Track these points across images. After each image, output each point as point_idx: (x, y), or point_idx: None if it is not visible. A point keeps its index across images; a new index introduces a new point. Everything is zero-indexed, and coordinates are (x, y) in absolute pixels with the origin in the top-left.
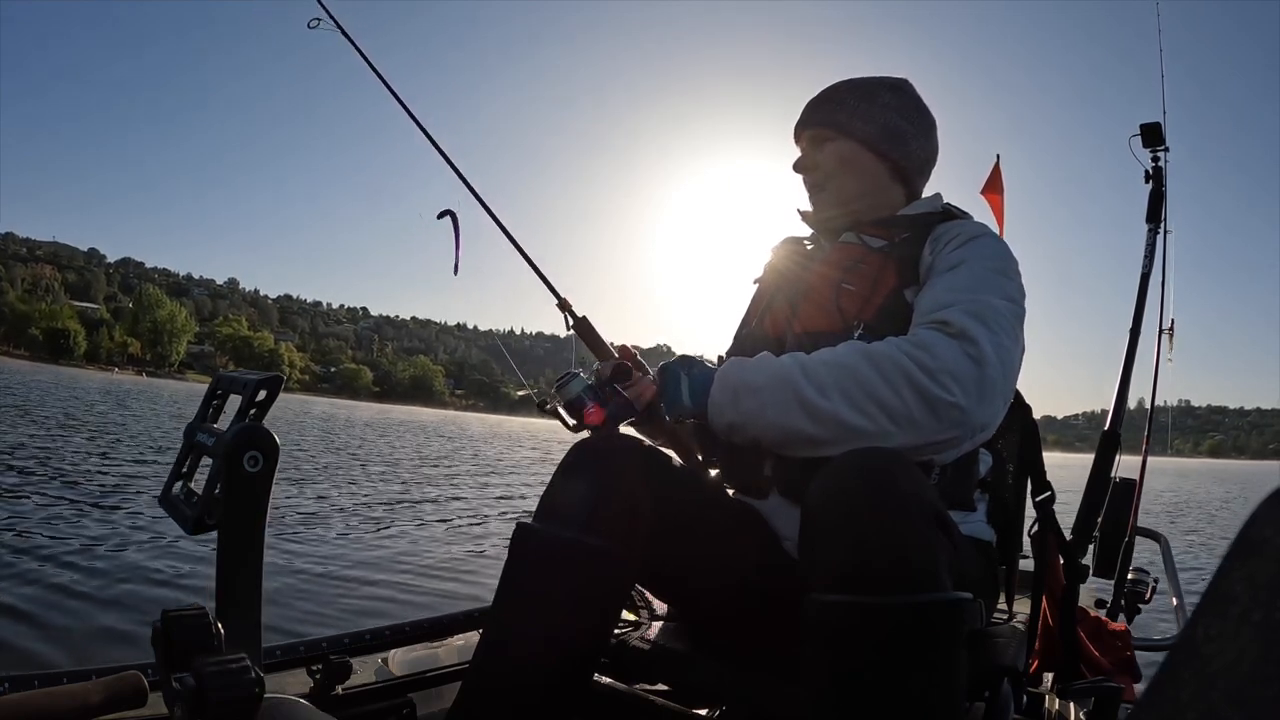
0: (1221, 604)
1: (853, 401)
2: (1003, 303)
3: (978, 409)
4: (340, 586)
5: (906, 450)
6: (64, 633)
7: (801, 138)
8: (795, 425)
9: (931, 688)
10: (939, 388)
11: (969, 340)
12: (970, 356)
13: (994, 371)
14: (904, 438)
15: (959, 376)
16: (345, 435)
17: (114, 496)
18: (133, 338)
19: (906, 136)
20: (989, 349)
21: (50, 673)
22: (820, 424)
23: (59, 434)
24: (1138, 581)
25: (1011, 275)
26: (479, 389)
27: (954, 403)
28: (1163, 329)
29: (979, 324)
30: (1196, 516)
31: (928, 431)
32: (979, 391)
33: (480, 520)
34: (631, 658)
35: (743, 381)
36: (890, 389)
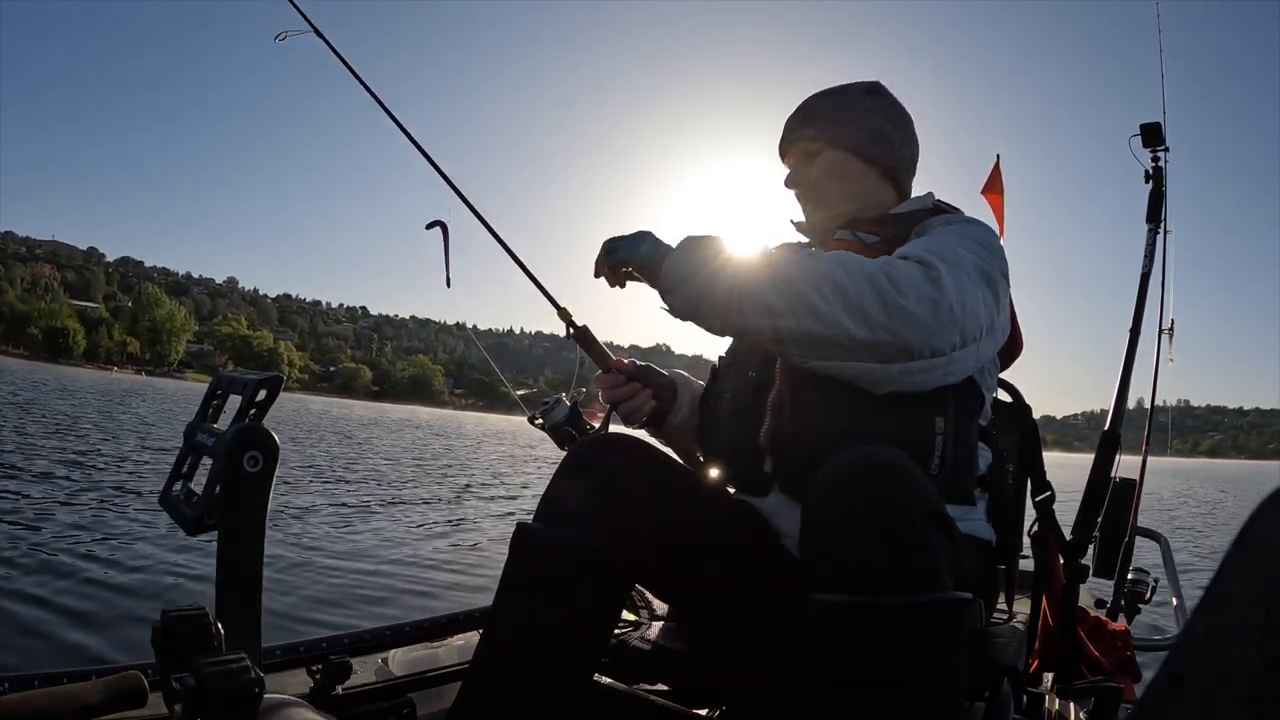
0: (1221, 604)
1: (814, 283)
2: (968, 255)
3: (931, 325)
4: (340, 586)
5: (853, 349)
6: (64, 633)
7: (789, 154)
8: (754, 288)
9: (932, 688)
10: (896, 291)
11: (928, 266)
12: (929, 278)
13: (951, 298)
14: (854, 327)
15: (916, 288)
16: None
17: (114, 496)
18: (132, 337)
19: (891, 138)
20: (948, 279)
21: (50, 673)
22: (780, 292)
23: (58, 434)
24: (1138, 581)
25: (988, 250)
26: (478, 388)
27: (906, 307)
28: (1163, 329)
29: (939, 260)
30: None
31: (878, 328)
32: (934, 311)
33: (480, 520)
34: (631, 658)
35: (709, 241)
36: (851, 281)
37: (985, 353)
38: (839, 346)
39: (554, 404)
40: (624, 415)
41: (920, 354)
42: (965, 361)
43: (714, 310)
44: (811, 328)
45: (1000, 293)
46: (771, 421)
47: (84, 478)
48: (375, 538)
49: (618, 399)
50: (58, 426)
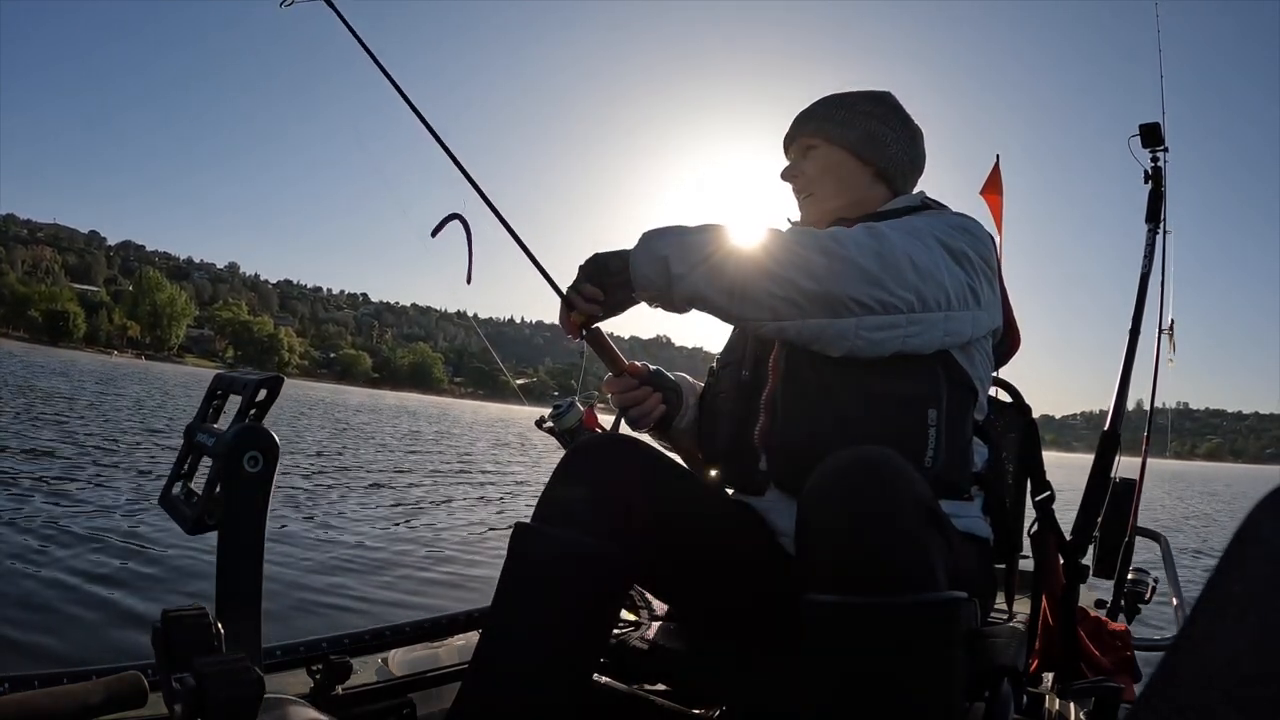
0: (1219, 604)
1: (765, 247)
2: (926, 227)
3: (875, 273)
4: (340, 586)
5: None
6: (64, 633)
7: (790, 149)
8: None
9: (928, 687)
10: (838, 244)
11: (871, 228)
12: (871, 233)
13: (896, 250)
14: (804, 282)
15: (858, 241)
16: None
17: (114, 496)
18: (132, 321)
19: (887, 141)
20: (892, 235)
21: (50, 673)
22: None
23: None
24: (1138, 581)
25: (961, 230)
26: (479, 377)
27: (848, 256)
28: (1162, 329)
29: (886, 226)
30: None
31: (823, 278)
32: (878, 260)
33: (480, 520)
34: (631, 658)
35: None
36: (799, 243)
37: (961, 327)
38: (792, 304)
39: (567, 407)
40: (633, 419)
41: (870, 307)
42: (931, 327)
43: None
44: (766, 287)
45: (973, 270)
46: (765, 420)
47: (83, 477)
48: (376, 538)
49: (630, 403)
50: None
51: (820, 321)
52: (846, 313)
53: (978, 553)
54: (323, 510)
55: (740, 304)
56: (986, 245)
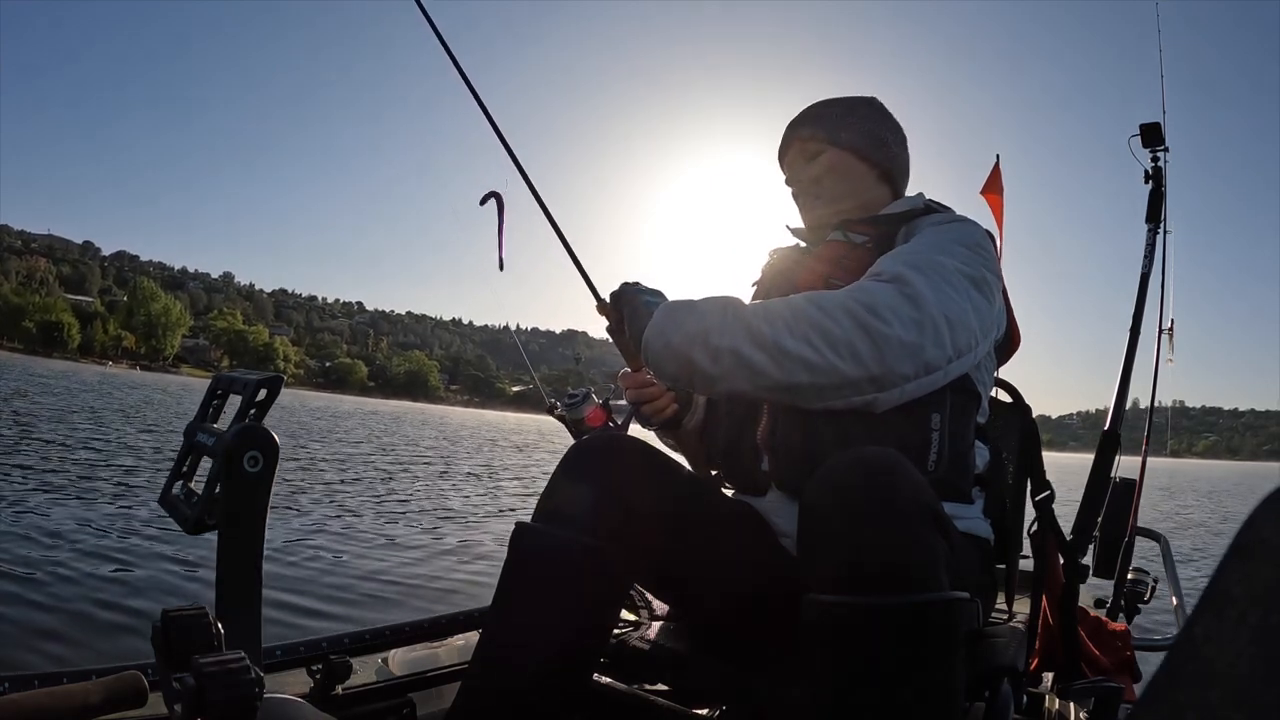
0: (1219, 605)
1: (796, 331)
2: (950, 260)
3: (919, 345)
4: (340, 586)
5: (852, 386)
6: (64, 633)
7: (788, 154)
8: (739, 349)
9: (929, 688)
10: (878, 320)
11: (903, 282)
12: (906, 295)
13: (933, 312)
14: (846, 368)
15: (897, 312)
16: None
17: (113, 496)
18: (127, 331)
19: (889, 142)
20: (926, 291)
21: (50, 673)
22: (764, 350)
23: (55, 432)
24: (1138, 581)
25: (974, 249)
26: (474, 384)
27: (891, 334)
28: (1162, 329)
29: (915, 271)
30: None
31: (871, 362)
32: (919, 330)
33: (480, 520)
34: (631, 658)
35: (687, 305)
36: (833, 321)
37: (981, 352)
38: (836, 389)
39: (583, 398)
40: (645, 416)
41: (916, 375)
42: (962, 366)
43: (701, 381)
44: (805, 379)
45: (991, 294)
46: (768, 420)
47: (82, 477)
48: (375, 538)
49: (645, 399)
50: (52, 424)
51: (867, 397)
52: (891, 386)
53: (979, 553)
54: (323, 510)
55: (785, 394)
56: (994, 254)
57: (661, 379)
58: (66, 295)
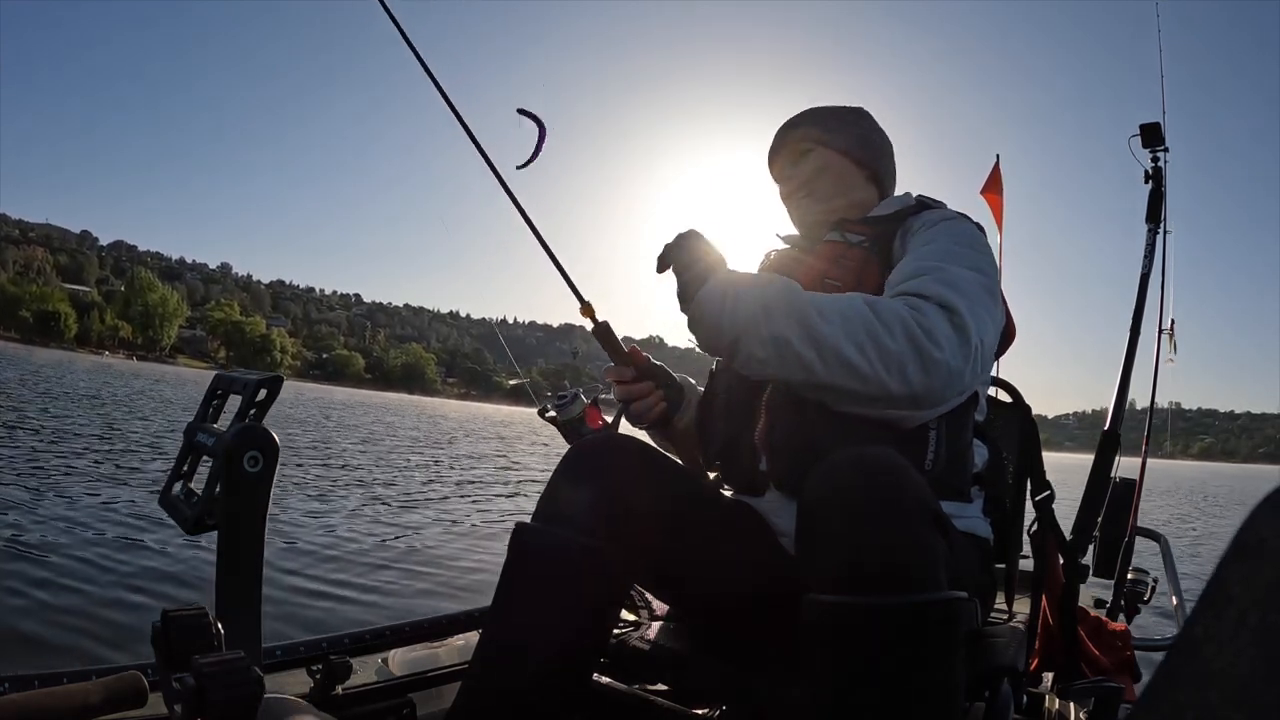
0: (1219, 605)
1: (852, 336)
2: (971, 273)
3: (963, 370)
4: (340, 586)
5: (890, 401)
6: (64, 633)
7: (780, 155)
8: (792, 341)
9: (929, 687)
10: (932, 344)
11: (951, 309)
12: (957, 327)
13: (974, 339)
14: (893, 385)
15: (949, 342)
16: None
17: (113, 496)
18: (124, 321)
19: (878, 145)
20: (970, 320)
21: (50, 673)
22: (817, 348)
23: (55, 430)
24: (1137, 581)
25: (979, 250)
26: (471, 377)
27: (943, 360)
28: (1162, 329)
29: (954, 293)
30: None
31: (917, 384)
32: (964, 355)
33: (480, 520)
34: (631, 658)
35: (749, 280)
36: (889, 335)
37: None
38: (874, 400)
39: (571, 398)
40: (634, 415)
41: (952, 395)
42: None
43: (743, 360)
44: (849, 385)
45: (1000, 297)
46: (766, 420)
47: (82, 477)
48: (375, 537)
49: (632, 397)
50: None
51: (901, 413)
52: (929, 407)
53: (978, 553)
54: (323, 510)
55: (823, 394)
56: (992, 254)
57: (702, 347)
58: (64, 285)
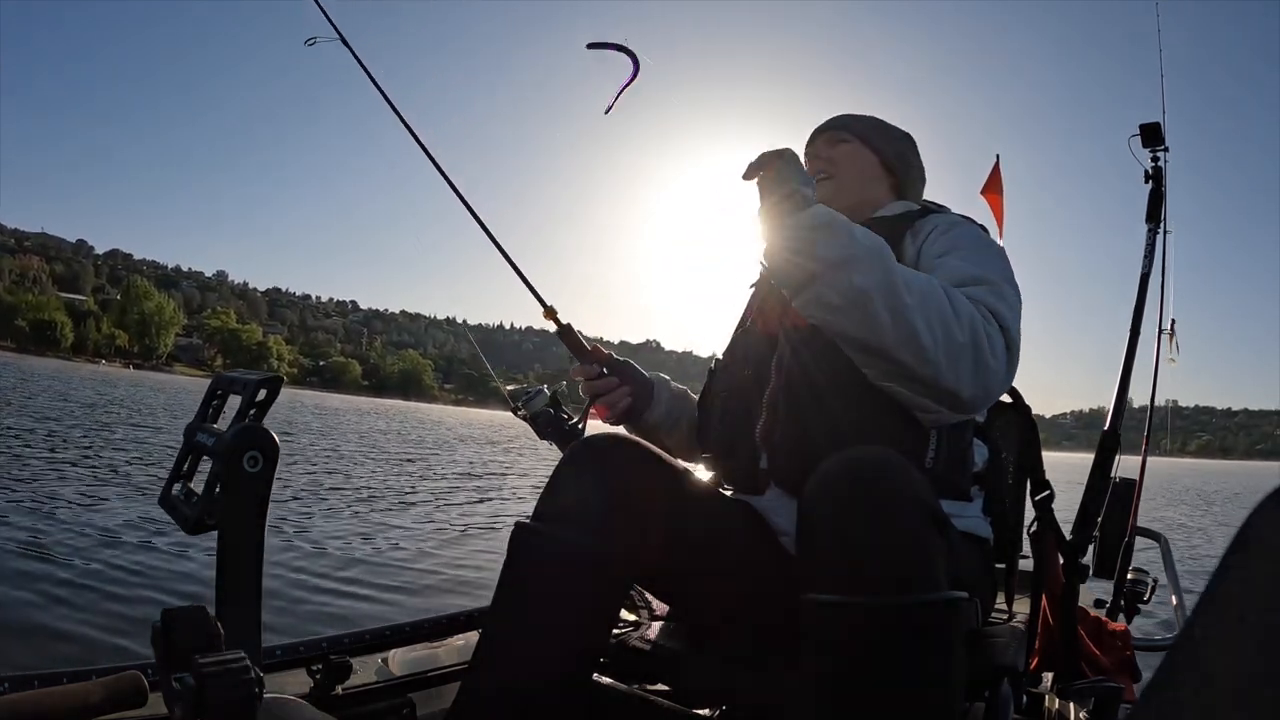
0: (1219, 605)
1: (926, 315)
2: (1014, 292)
3: (1004, 386)
4: (340, 586)
5: (936, 391)
6: (64, 633)
7: (818, 138)
8: (873, 299)
9: (929, 687)
10: (990, 352)
11: (1005, 327)
12: (1007, 340)
13: (1016, 358)
14: (946, 375)
15: (1003, 351)
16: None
17: (113, 496)
18: (120, 330)
19: (913, 164)
20: (1017, 338)
21: (50, 673)
22: (893, 313)
23: (55, 432)
24: (1138, 581)
25: (999, 256)
26: (468, 383)
27: (995, 370)
28: (1162, 329)
29: (1009, 311)
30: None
31: (965, 382)
32: (1009, 372)
33: (480, 520)
34: (631, 658)
35: (845, 226)
36: (959, 327)
37: None
38: (921, 383)
39: (535, 394)
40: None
41: (986, 404)
42: None
43: (811, 301)
44: (908, 360)
45: None
46: (767, 418)
47: (82, 477)
48: (375, 537)
49: (596, 391)
50: (51, 423)
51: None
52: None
53: (978, 553)
54: (323, 510)
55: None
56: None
57: (771, 270)
58: (60, 294)
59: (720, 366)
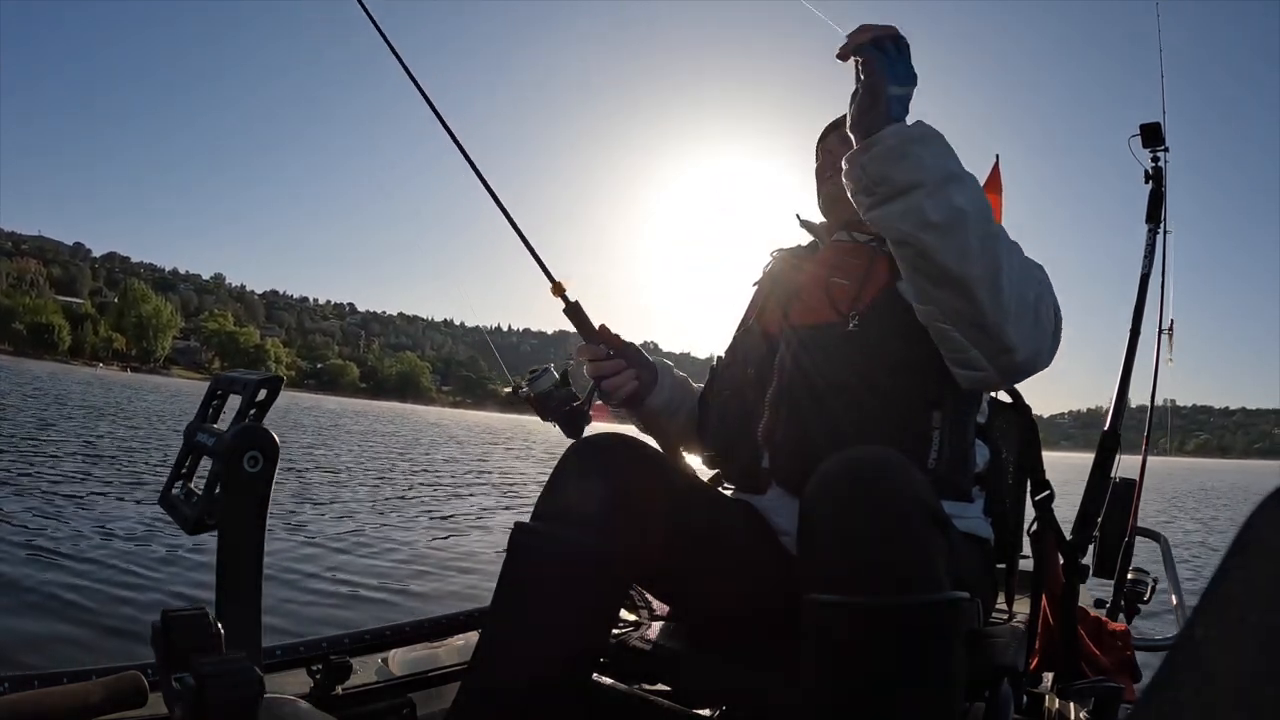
0: (1220, 605)
1: (1010, 256)
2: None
3: (1048, 359)
4: (340, 586)
5: (995, 338)
6: (64, 633)
7: (831, 135)
8: (967, 219)
9: (929, 688)
10: (1049, 321)
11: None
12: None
13: (1059, 339)
14: (1009, 329)
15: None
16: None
17: (114, 496)
18: (118, 333)
19: None
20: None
21: (50, 673)
22: (981, 242)
23: (55, 433)
24: (1138, 581)
25: None
26: (466, 385)
27: (1045, 340)
28: (1162, 329)
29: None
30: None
31: (1022, 340)
32: (1053, 346)
33: (480, 520)
34: (631, 658)
35: (947, 144)
36: (1031, 282)
37: None
38: (984, 328)
39: (542, 373)
40: (605, 391)
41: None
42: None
43: (904, 212)
44: (983, 295)
45: None
46: (769, 418)
47: (81, 477)
48: (375, 538)
49: (601, 373)
50: (50, 424)
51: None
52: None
53: (979, 553)
54: (323, 510)
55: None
56: None
57: (863, 177)
58: (57, 297)
59: (722, 366)
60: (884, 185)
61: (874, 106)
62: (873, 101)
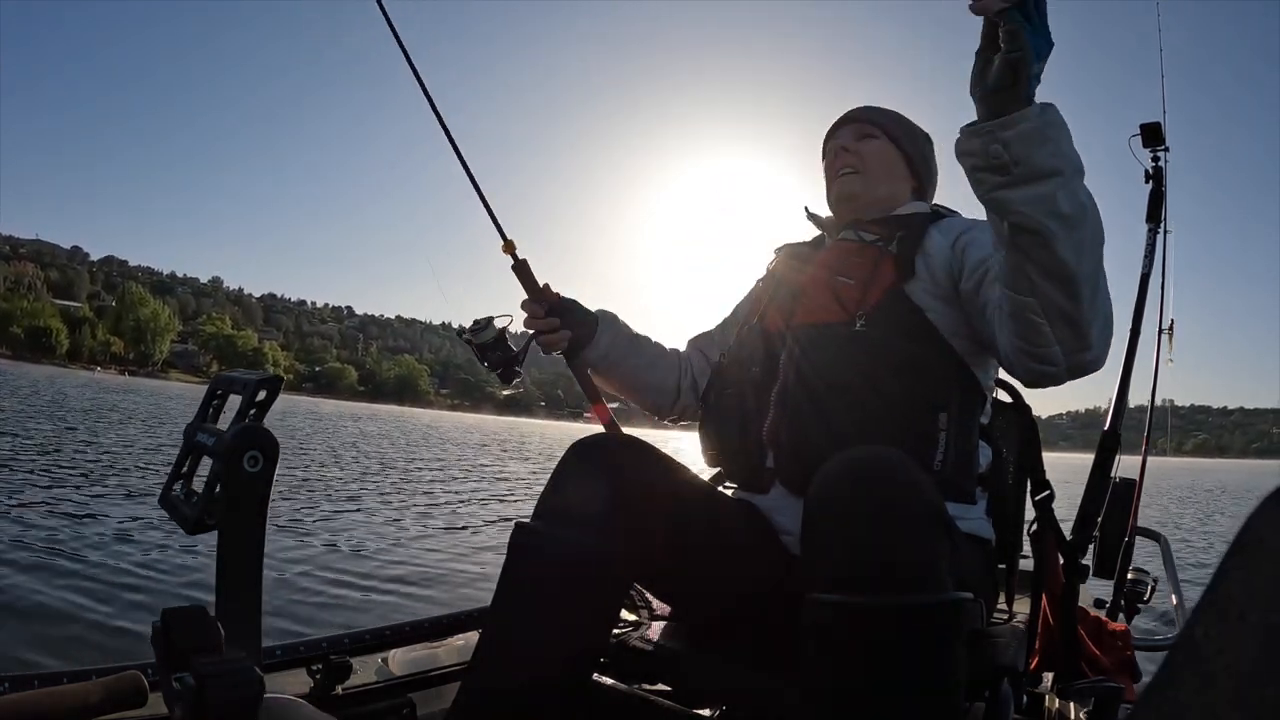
0: (1220, 605)
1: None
2: None
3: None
4: (340, 586)
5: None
6: (64, 633)
7: (846, 128)
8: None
9: (931, 689)
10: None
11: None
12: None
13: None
14: (1093, 329)
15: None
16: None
17: (113, 496)
18: (116, 336)
19: (933, 168)
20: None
21: (50, 673)
22: (1094, 240)
23: (55, 434)
24: (1138, 581)
25: None
26: (464, 388)
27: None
28: (1162, 329)
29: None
30: None
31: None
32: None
33: (480, 520)
34: (631, 658)
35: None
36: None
37: None
38: (1073, 329)
39: (485, 325)
40: (541, 344)
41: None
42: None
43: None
44: (1085, 292)
45: None
46: (774, 416)
47: (81, 477)
48: (375, 538)
49: (539, 329)
50: (50, 426)
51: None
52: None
53: (981, 554)
54: (323, 510)
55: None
56: None
57: (1002, 153)
58: (55, 300)
59: (724, 365)
60: (1022, 167)
61: (1015, 84)
62: (1014, 79)
